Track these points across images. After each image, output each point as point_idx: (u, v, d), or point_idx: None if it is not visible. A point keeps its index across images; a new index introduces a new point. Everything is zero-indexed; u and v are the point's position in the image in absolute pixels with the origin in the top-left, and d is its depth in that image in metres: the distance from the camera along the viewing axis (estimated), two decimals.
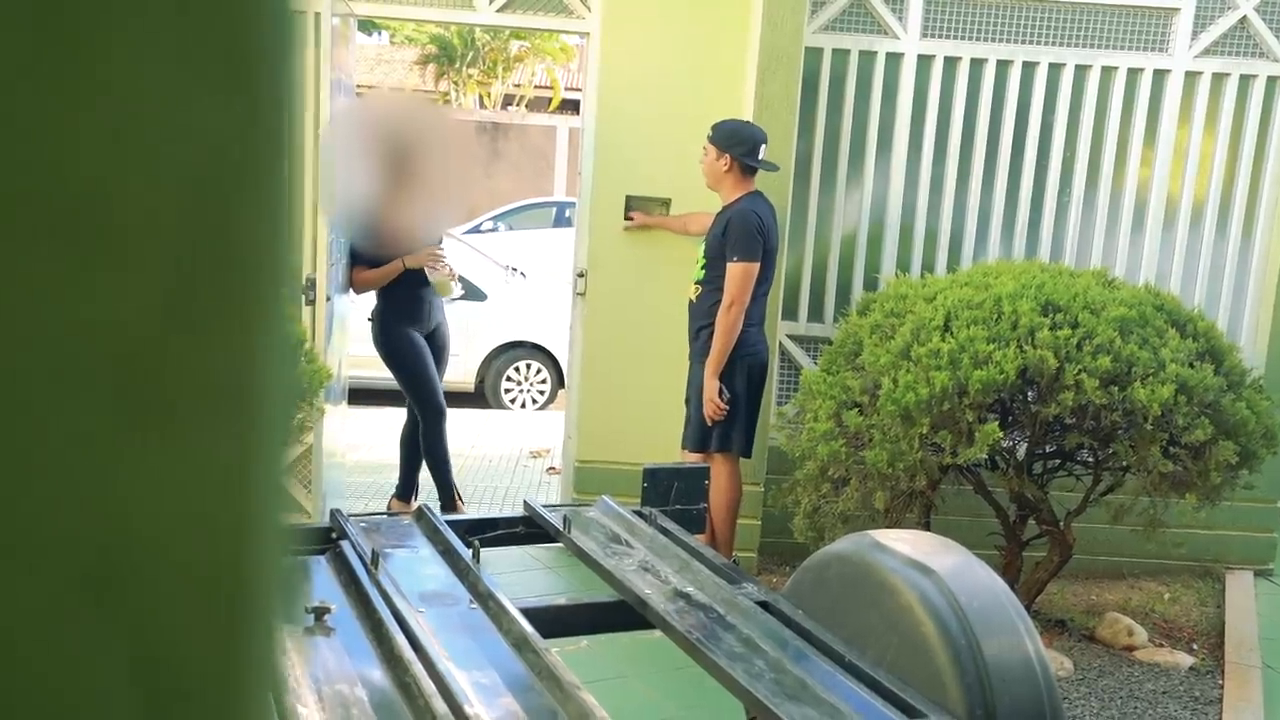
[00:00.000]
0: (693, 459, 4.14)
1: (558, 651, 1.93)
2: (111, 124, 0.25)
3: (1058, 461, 3.84)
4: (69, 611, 0.25)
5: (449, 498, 4.87)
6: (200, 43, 0.26)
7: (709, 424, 4.12)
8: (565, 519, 2.68)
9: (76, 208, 0.24)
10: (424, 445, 4.81)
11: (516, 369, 7.92)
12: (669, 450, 4.42)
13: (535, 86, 21.23)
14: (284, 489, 0.31)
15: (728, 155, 4.05)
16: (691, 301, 4.23)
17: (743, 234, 3.99)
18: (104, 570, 0.26)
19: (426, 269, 4.63)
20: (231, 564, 0.28)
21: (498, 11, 4.61)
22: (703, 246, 4.18)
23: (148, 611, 0.26)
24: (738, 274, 4.00)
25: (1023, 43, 4.62)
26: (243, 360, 0.28)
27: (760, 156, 4.08)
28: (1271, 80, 4.65)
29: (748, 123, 4.15)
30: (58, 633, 0.25)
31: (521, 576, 4.21)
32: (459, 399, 7.15)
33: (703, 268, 4.14)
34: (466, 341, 7.46)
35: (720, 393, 4.07)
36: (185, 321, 0.27)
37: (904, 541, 2.20)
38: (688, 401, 4.23)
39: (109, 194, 0.25)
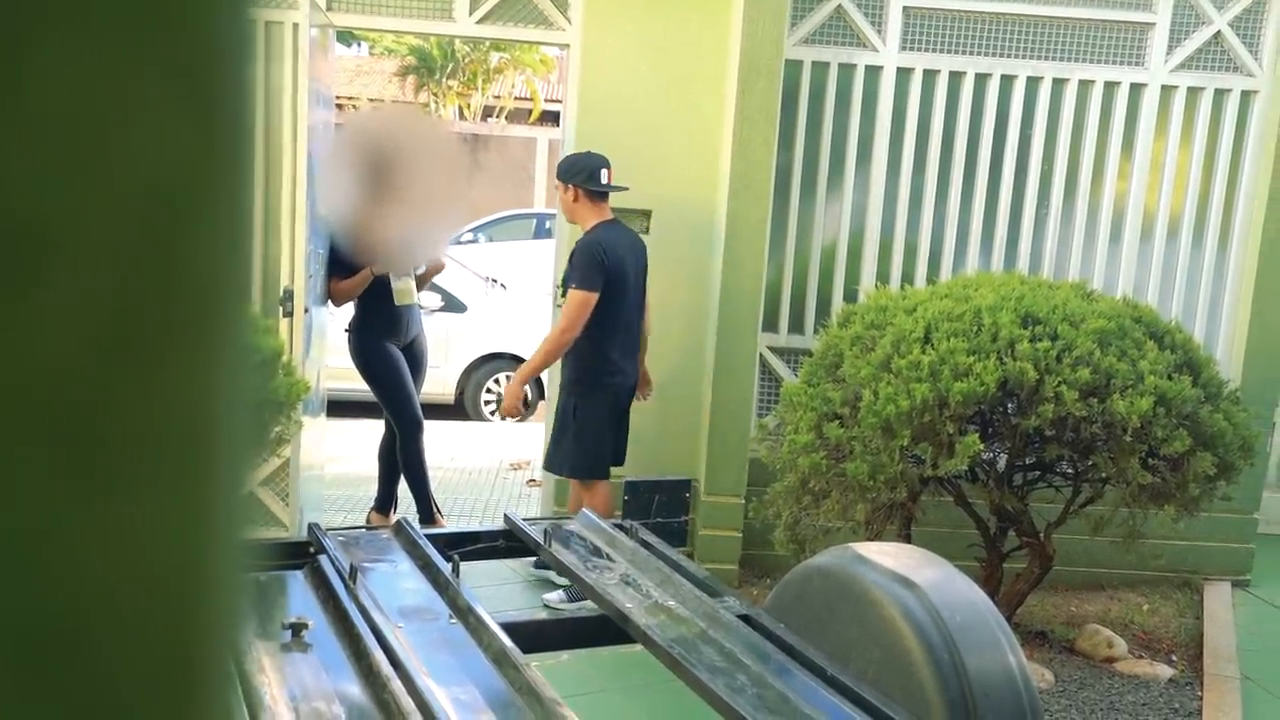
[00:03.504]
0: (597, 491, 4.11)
1: (538, 666, 1.92)
2: (47, 144, 0.23)
3: (1038, 473, 3.85)
4: (9, 678, 0.24)
5: (427, 511, 4.84)
6: (153, 58, 0.24)
7: (563, 443, 4.13)
8: (546, 532, 2.67)
9: (4, 233, 0.23)
10: (401, 459, 4.78)
11: (497, 380, 7.88)
12: (648, 463, 4.41)
13: (515, 98, 21.24)
14: (243, 534, 0.29)
15: (571, 186, 4.11)
16: None
17: (583, 263, 4.03)
18: (48, 633, 0.24)
19: (390, 275, 4.60)
20: (185, 620, 0.27)
21: (477, 23, 4.61)
22: (562, 274, 4.21)
23: (96, 674, 0.25)
24: (574, 301, 4.03)
25: (1001, 56, 4.65)
26: (196, 398, 0.26)
27: (604, 181, 4.11)
28: (1245, 95, 4.69)
29: (588, 152, 4.19)
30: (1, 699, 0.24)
31: (501, 590, 4.19)
32: (439, 411, 7.12)
33: (563, 294, 4.15)
34: (446, 353, 7.43)
35: (575, 412, 4.09)
36: (131, 357, 0.25)
37: (886, 555, 2.20)
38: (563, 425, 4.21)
39: (44, 219, 0.23)
